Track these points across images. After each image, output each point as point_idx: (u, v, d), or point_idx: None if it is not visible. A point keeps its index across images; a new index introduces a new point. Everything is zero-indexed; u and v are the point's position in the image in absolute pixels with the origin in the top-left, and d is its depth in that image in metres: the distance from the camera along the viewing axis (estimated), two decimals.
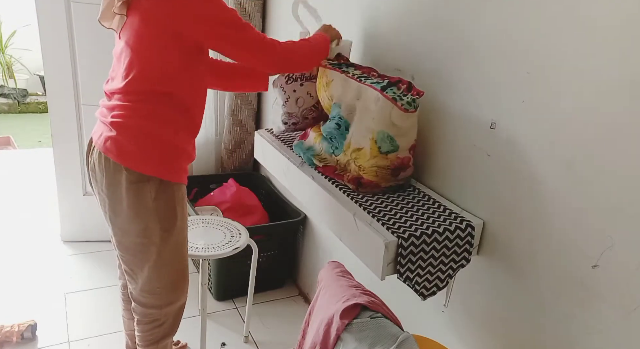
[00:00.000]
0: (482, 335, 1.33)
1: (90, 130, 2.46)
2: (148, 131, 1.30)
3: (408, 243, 1.18)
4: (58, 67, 2.32)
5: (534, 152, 1.11)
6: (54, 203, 2.63)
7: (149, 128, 1.30)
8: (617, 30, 0.93)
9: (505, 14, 1.14)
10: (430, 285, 1.26)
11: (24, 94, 5.51)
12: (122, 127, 1.29)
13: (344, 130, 1.42)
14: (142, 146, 1.30)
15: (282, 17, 2.32)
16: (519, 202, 1.17)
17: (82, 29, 2.28)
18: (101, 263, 2.47)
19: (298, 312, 2.27)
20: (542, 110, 1.08)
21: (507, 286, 1.23)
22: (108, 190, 1.33)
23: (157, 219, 1.34)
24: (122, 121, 1.29)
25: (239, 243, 1.81)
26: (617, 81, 0.94)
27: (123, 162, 1.28)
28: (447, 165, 1.38)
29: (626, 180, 0.94)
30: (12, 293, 2.22)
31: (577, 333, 1.07)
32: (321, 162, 1.51)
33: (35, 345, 1.94)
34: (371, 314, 1.17)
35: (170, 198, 1.35)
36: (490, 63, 1.19)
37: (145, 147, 1.30)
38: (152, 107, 1.30)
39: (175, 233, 1.40)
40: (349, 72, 1.42)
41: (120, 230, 1.37)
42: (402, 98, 1.27)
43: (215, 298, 2.31)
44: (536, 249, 1.14)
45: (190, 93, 1.35)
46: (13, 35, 5.54)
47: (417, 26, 1.42)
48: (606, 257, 0.99)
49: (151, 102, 1.30)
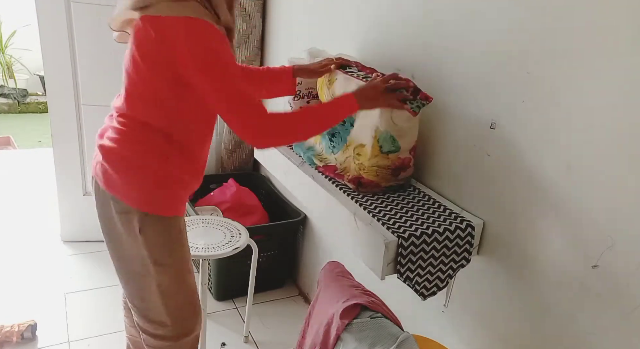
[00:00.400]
0: (482, 335, 1.33)
1: (90, 130, 2.47)
2: (134, 160, 1.20)
3: (408, 243, 1.18)
4: (58, 67, 2.32)
5: (534, 152, 1.11)
6: (54, 203, 2.63)
7: (135, 157, 1.20)
8: (617, 30, 0.93)
9: (506, 13, 1.14)
10: (430, 284, 1.26)
11: (24, 94, 5.50)
12: (109, 152, 1.21)
13: (348, 126, 1.42)
14: (125, 175, 1.20)
15: (282, 17, 2.32)
16: (519, 202, 1.17)
17: (82, 29, 2.28)
18: (101, 263, 2.47)
19: (298, 312, 2.27)
20: (542, 110, 1.08)
21: (507, 286, 1.23)
22: (100, 215, 1.27)
23: (148, 252, 1.24)
24: (111, 146, 1.21)
25: (239, 243, 1.81)
26: (617, 81, 0.94)
27: (109, 190, 1.21)
28: (447, 165, 1.38)
29: (626, 180, 0.94)
30: (12, 293, 2.22)
31: (577, 333, 1.07)
32: (322, 161, 1.51)
33: (35, 345, 1.94)
34: (371, 314, 1.17)
35: (160, 232, 1.24)
36: (490, 63, 1.19)
37: (128, 177, 1.20)
38: (145, 137, 1.20)
39: (173, 266, 1.29)
40: (352, 73, 1.42)
41: (114, 255, 1.30)
42: (412, 102, 1.27)
43: (215, 298, 2.31)
44: (536, 249, 1.14)
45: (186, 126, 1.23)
46: (13, 35, 5.54)
47: (417, 26, 1.42)
48: (606, 257, 0.99)
49: (144, 131, 1.20)
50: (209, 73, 1.10)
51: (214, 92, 1.13)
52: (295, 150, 1.65)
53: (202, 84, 1.12)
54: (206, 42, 1.10)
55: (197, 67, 1.10)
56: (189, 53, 1.09)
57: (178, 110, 1.20)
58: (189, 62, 1.10)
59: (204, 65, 1.10)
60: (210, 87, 1.12)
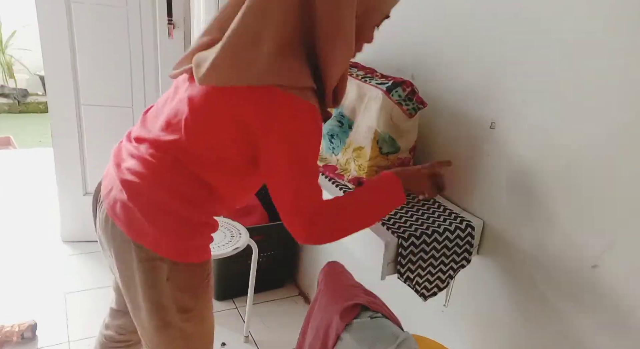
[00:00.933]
0: (482, 335, 1.33)
1: (90, 130, 2.47)
2: (165, 205, 1.04)
3: (408, 243, 1.18)
4: (58, 67, 2.32)
5: (534, 152, 1.11)
6: (54, 203, 2.63)
7: (166, 201, 1.04)
8: (618, 30, 0.93)
9: (506, 13, 1.14)
10: (430, 285, 1.26)
11: (24, 94, 5.51)
12: (135, 191, 1.03)
13: (346, 128, 1.42)
14: (154, 222, 1.03)
15: None
16: (519, 202, 1.17)
17: (82, 29, 2.28)
18: (101, 263, 2.47)
19: (298, 312, 2.27)
20: (542, 110, 1.08)
21: (507, 286, 1.23)
22: (117, 261, 1.10)
23: (172, 300, 1.10)
24: (137, 183, 1.03)
25: (238, 243, 1.81)
26: (617, 81, 0.93)
27: (133, 236, 1.04)
28: None
29: (626, 180, 0.94)
30: (12, 293, 2.22)
31: (577, 332, 1.07)
32: (322, 161, 1.52)
33: (35, 345, 1.94)
34: (371, 314, 1.16)
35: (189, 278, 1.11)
36: (490, 63, 1.19)
37: (158, 224, 1.04)
38: (179, 179, 1.04)
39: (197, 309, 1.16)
40: (351, 73, 1.42)
41: (132, 303, 1.15)
42: (408, 103, 1.27)
43: (216, 298, 2.31)
44: (536, 249, 1.14)
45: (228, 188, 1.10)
46: (13, 35, 5.54)
47: (417, 26, 1.42)
48: (606, 257, 0.99)
49: (181, 173, 1.04)
50: (281, 157, 0.99)
51: (279, 182, 1.02)
52: None
53: (269, 168, 1.02)
54: (298, 124, 0.97)
55: (274, 148, 0.98)
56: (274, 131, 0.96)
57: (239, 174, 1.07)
58: (269, 138, 0.97)
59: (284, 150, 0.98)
60: (277, 175, 1.01)
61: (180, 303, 1.11)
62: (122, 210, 1.04)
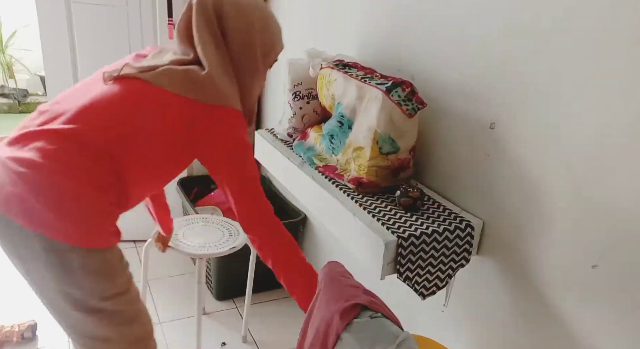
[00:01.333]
0: (482, 335, 1.33)
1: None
2: (66, 189, 1.02)
3: (408, 243, 1.18)
4: (58, 67, 2.32)
5: (534, 152, 1.11)
6: None
7: (68, 186, 1.03)
8: (618, 30, 0.93)
9: (506, 14, 1.14)
10: (430, 284, 1.26)
11: (25, 94, 5.50)
12: (31, 180, 1.00)
13: (346, 128, 1.42)
14: (59, 208, 1.02)
15: (282, 18, 2.31)
16: (519, 202, 1.17)
17: (82, 29, 2.29)
18: None
19: (298, 312, 2.26)
20: (542, 110, 1.08)
21: (506, 286, 1.23)
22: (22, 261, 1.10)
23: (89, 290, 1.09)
24: (32, 172, 1.01)
25: (236, 242, 1.81)
26: (618, 81, 0.94)
27: (34, 228, 1.01)
28: (446, 165, 1.38)
29: (626, 179, 0.94)
30: (12, 293, 2.22)
31: (577, 332, 1.07)
32: (322, 161, 1.52)
33: (35, 345, 1.94)
34: (371, 314, 1.16)
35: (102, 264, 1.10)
36: (490, 63, 1.19)
37: (62, 210, 1.02)
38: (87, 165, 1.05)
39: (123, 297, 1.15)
40: (351, 73, 1.42)
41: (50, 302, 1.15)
42: (408, 104, 1.27)
43: (216, 298, 2.31)
44: (536, 249, 1.14)
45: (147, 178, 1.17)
46: (13, 36, 5.53)
47: (417, 26, 1.42)
48: (606, 257, 0.99)
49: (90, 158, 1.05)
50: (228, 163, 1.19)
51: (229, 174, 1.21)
52: (295, 150, 1.65)
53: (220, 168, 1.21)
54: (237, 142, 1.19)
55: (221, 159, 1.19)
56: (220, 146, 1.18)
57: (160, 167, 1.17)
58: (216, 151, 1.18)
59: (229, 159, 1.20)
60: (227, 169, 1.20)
61: (99, 292, 1.10)
62: (19, 204, 1.00)
